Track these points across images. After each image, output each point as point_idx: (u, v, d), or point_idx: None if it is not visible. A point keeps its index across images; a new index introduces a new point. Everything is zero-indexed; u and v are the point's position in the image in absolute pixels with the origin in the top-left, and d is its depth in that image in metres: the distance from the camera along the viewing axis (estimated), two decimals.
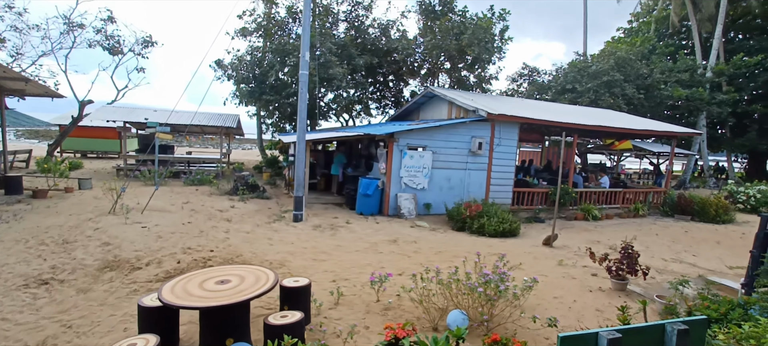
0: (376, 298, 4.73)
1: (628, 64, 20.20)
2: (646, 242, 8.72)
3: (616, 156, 24.59)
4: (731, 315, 3.54)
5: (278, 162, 18.20)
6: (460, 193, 10.62)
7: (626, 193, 13.15)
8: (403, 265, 6.18)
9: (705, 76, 22.47)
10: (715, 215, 11.82)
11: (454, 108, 12.13)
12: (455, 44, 17.44)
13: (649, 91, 20.47)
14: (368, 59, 17.83)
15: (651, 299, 5.04)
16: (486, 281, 4.08)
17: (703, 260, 7.51)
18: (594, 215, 11.34)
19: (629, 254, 5.47)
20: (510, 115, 10.65)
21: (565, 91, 20.13)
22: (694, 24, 24.01)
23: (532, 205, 11.50)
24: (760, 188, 14.85)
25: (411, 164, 10.10)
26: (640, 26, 31.04)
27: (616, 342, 1.64)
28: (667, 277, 5.92)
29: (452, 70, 19.90)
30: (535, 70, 23.64)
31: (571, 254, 7.39)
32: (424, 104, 14.28)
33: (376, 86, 21.12)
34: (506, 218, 8.96)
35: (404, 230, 8.69)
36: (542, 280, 5.71)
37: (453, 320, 3.93)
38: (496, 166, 10.97)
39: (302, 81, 8.78)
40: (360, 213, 9.93)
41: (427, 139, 10.29)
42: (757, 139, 25.00)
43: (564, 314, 4.64)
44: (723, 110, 22.03)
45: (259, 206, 10.36)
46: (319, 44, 15.73)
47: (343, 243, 7.30)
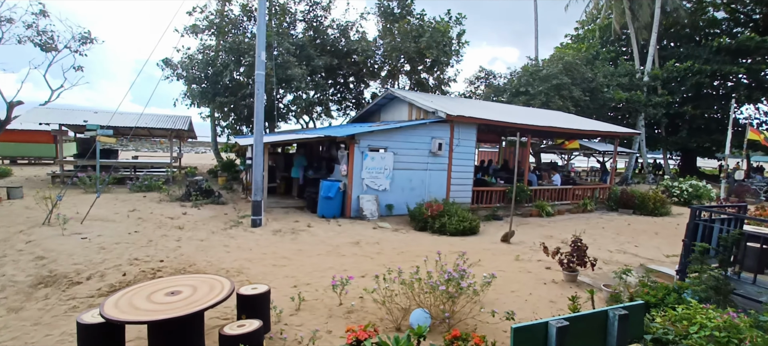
0: (339, 301, 4.66)
1: (575, 69, 21.47)
2: (593, 235, 9.28)
3: (567, 155, 26.13)
4: (667, 299, 3.83)
5: (235, 166, 17.51)
6: (421, 193, 10.76)
7: (576, 190, 13.95)
8: (366, 267, 6.15)
9: (643, 80, 24.41)
10: (654, 208, 12.86)
11: (414, 109, 12.29)
12: (414, 47, 17.69)
13: (594, 94, 21.89)
14: (328, 60, 17.63)
15: (598, 289, 5.37)
16: (447, 279, 4.15)
17: (643, 250, 8.11)
18: (547, 212, 11.92)
19: (579, 247, 5.79)
20: (468, 117, 10.94)
21: (519, 93, 21.05)
22: (633, 32, 26.03)
23: (490, 203, 11.89)
24: (691, 183, 16.33)
25: (372, 166, 10.09)
26: (586, 33, 33.17)
27: (564, 330, 1.73)
28: (613, 267, 6.32)
29: (412, 72, 20.17)
30: (491, 74, 24.51)
31: (526, 249, 7.71)
32: (385, 106, 14.35)
33: (337, 88, 20.95)
34: (466, 216, 9.18)
35: (367, 231, 8.66)
36: (500, 275, 5.91)
37: (415, 319, 3.96)
38: (456, 167, 11.23)
39: (259, 81, 8.50)
40: (322, 216, 9.78)
41: (388, 141, 10.33)
42: (687, 138, 27.57)
43: (521, 307, 4.81)
44: (658, 112, 24.06)
45: (214, 212, 9.90)
46: (277, 44, 15.33)
47: (305, 247, 7.14)
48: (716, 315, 2.87)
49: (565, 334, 1.75)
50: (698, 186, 16.04)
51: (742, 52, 25.99)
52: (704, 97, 27.59)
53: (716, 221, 5.16)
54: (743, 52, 26.05)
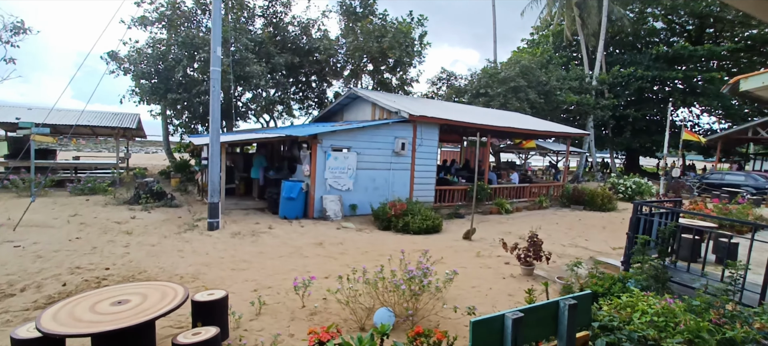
0: (302, 303, 4.57)
1: (531, 72, 22.49)
2: (548, 230, 9.75)
3: (524, 154, 27.31)
4: (613, 289, 4.09)
5: (189, 166, 16.67)
6: (385, 193, 10.80)
7: (532, 187, 14.60)
8: (330, 267, 6.08)
9: (591, 84, 26.02)
10: (602, 204, 13.73)
11: (377, 109, 12.31)
12: (377, 47, 17.74)
13: (548, 97, 23.04)
14: (289, 58, 17.25)
15: (553, 281, 5.64)
16: (410, 277, 4.19)
17: (593, 243, 8.63)
18: (506, 209, 12.38)
19: (535, 242, 6.05)
20: (430, 117, 11.13)
21: (479, 95, 21.71)
22: (582, 39, 27.68)
23: (452, 202, 12.16)
24: (634, 180, 17.59)
25: (336, 166, 9.99)
26: (540, 38, 34.84)
27: (519, 321, 1.81)
28: (566, 260, 6.66)
29: (375, 72, 20.22)
30: (452, 75, 25.10)
31: (487, 246, 7.95)
32: (348, 105, 14.27)
33: (299, 86, 20.57)
34: (429, 215, 9.33)
35: (330, 232, 8.56)
36: (462, 271, 6.05)
37: (379, 318, 3.96)
38: (419, 166, 11.38)
39: (214, 78, 8.14)
40: (284, 217, 9.55)
41: (351, 141, 10.27)
42: (631, 139, 29.77)
43: (481, 302, 4.95)
44: (605, 114, 25.75)
45: (167, 216, 9.37)
46: (234, 40, 14.77)
47: (266, 249, 6.94)
48: (656, 302, 3.10)
49: (519, 325, 1.82)
50: (640, 183, 17.32)
51: (678, 59, 28.44)
52: (645, 100, 29.91)
53: (655, 215, 5.58)
54: (678, 60, 28.51)
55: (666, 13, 30.74)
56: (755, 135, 21.65)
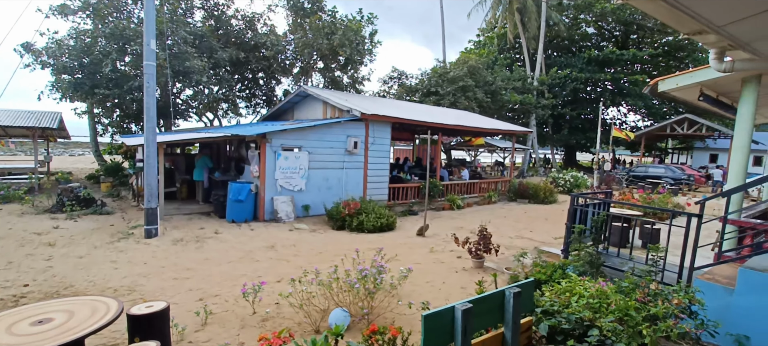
0: (252, 310, 4.38)
1: (478, 72, 23.42)
2: (497, 223, 10.20)
3: (474, 151, 28.41)
4: (554, 275, 4.36)
5: (122, 169, 15.34)
6: (338, 192, 10.68)
7: (482, 183, 15.20)
8: (283, 271, 5.89)
9: (533, 84, 27.64)
10: (544, 197, 14.64)
11: (328, 108, 12.14)
12: (327, 44, 17.49)
13: (494, 96, 24.14)
14: (233, 53, 16.44)
15: (501, 271, 5.90)
16: (364, 276, 4.17)
17: (537, 234, 9.16)
18: (458, 205, 12.78)
19: (484, 236, 6.30)
20: (382, 115, 11.18)
21: (430, 93, 22.21)
22: (524, 41, 29.31)
23: (406, 199, 12.32)
24: (572, 174, 18.97)
25: (286, 166, 9.71)
26: (486, 40, 36.40)
27: (468, 311, 1.86)
28: (513, 251, 7.01)
29: (326, 70, 19.95)
30: (403, 74, 25.45)
31: (440, 241, 8.15)
32: (299, 104, 13.93)
33: (245, 83, 19.71)
34: (383, 213, 9.37)
35: (282, 234, 8.31)
36: (416, 268, 6.14)
37: (334, 319, 3.90)
38: (372, 164, 11.39)
39: (148, 73, 7.53)
40: (232, 221, 9.10)
41: (302, 140, 10.04)
42: (569, 136, 32.06)
43: (435, 296, 5.05)
44: (545, 113, 27.49)
45: (97, 224, 8.56)
46: (171, 33, 13.82)
47: (213, 256, 6.56)
48: (591, 285, 3.34)
49: (469, 315, 1.87)
50: (577, 177, 18.71)
51: (607, 62, 31.07)
52: (580, 100, 32.35)
53: (590, 206, 6.04)
54: (608, 63, 31.16)
55: (596, 19, 33.44)
56: (672, 131, 24.30)
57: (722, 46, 3.59)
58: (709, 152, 30.24)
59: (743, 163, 4.79)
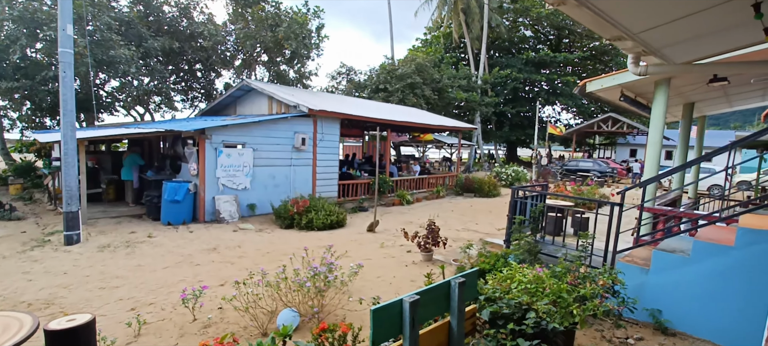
0: (192, 317, 4.12)
1: (425, 70, 23.95)
2: (445, 217, 10.52)
3: (422, 147, 29.06)
4: (497, 264, 4.59)
5: (35, 169, 13.64)
6: (286, 190, 10.38)
7: (430, 178, 15.60)
8: (227, 273, 5.61)
9: (477, 83, 28.84)
10: (489, 190, 15.38)
11: (274, 103, 11.73)
12: (271, 36, 16.86)
13: (441, 94, 24.85)
14: (166, 42, 15.25)
15: (449, 263, 6.10)
16: (314, 275, 4.09)
17: (482, 226, 9.59)
18: (407, 200, 13.00)
19: (433, 229, 6.46)
20: (331, 111, 11.03)
21: (378, 90, 22.33)
22: (468, 41, 30.44)
23: (356, 195, 12.29)
24: (513, 169, 20.11)
25: (229, 163, 9.24)
26: (433, 39, 37.31)
27: (415, 303, 1.90)
28: (460, 243, 7.26)
29: (270, 64, 19.23)
30: (351, 70, 25.33)
31: (390, 236, 8.23)
32: (242, 98, 13.29)
33: (180, 75, 18.38)
34: (333, 210, 9.27)
35: (226, 235, 7.90)
36: (367, 263, 6.15)
37: (283, 320, 3.79)
38: (321, 161, 11.21)
39: (65, 62, 6.74)
40: (168, 223, 8.48)
41: (246, 136, 9.60)
42: (510, 132, 33.94)
43: (386, 291, 5.10)
44: (489, 110, 28.83)
45: (5, 232, 7.54)
46: (92, 17, 12.52)
47: (146, 261, 6.07)
48: (529, 272, 3.56)
49: (416, 306, 1.91)
50: (518, 171, 19.88)
51: (543, 64, 33.29)
52: (520, 99, 34.34)
53: (528, 198, 6.44)
54: (543, 65, 33.38)
55: (533, 23, 35.68)
56: (599, 128, 26.71)
57: (638, 52, 3.99)
58: (629, 147, 33.67)
59: (656, 157, 5.37)
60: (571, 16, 2.85)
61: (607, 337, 3.84)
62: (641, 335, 3.88)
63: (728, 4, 2.69)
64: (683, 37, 3.55)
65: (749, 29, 2.98)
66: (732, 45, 3.97)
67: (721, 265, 3.72)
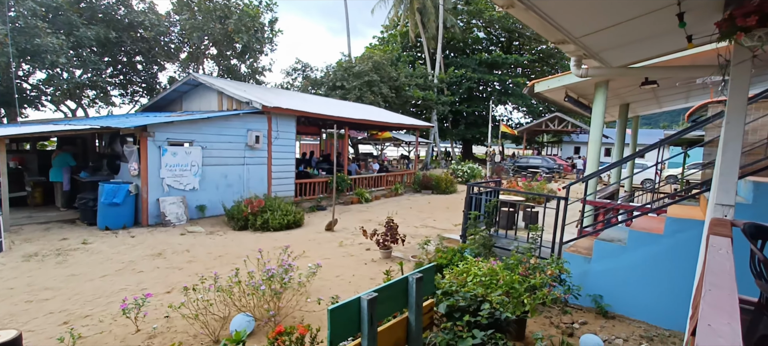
0: (135, 328, 3.82)
1: (383, 68, 24.05)
2: (403, 214, 10.63)
3: (380, 145, 29.17)
4: (454, 259, 4.71)
5: None
6: (239, 190, 9.96)
7: (389, 176, 15.69)
8: (174, 279, 5.28)
9: (433, 82, 29.41)
10: (446, 187, 15.76)
11: (225, 99, 11.19)
12: (221, 29, 16.07)
13: (399, 92, 25.08)
14: (101, 32, 14.03)
15: (408, 260, 6.17)
16: (270, 276, 3.96)
17: (440, 222, 9.80)
18: (366, 198, 12.99)
19: (391, 227, 6.50)
20: (286, 109, 10.72)
21: (335, 87, 22.09)
22: (424, 41, 30.96)
23: (314, 194, 12.08)
24: (469, 166, 20.76)
25: (175, 163, 8.69)
26: (390, 37, 37.49)
27: (373, 300, 1.89)
28: (418, 239, 7.37)
29: (220, 58, 18.35)
30: (307, 66, 24.84)
31: (349, 235, 8.17)
32: (189, 93, 12.54)
33: (118, 68, 17.00)
34: (290, 210, 9.03)
35: (172, 239, 7.43)
36: (326, 263, 6.06)
37: (236, 325, 3.63)
38: (277, 160, 10.88)
39: None
40: (106, 228, 7.82)
41: (194, 133, 9.08)
42: (465, 130, 34.99)
43: (345, 289, 5.05)
44: (445, 109, 29.53)
45: None
46: (15, 2, 11.27)
47: (81, 270, 5.56)
48: (484, 265, 3.68)
49: (374, 304, 1.90)
50: (473, 168, 20.56)
51: (495, 65, 34.63)
52: (474, 98, 35.50)
53: (483, 194, 6.66)
54: (496, 65, 34.73)
55: (486, 25, 36.99)
56: (547, 127, 28.30)
57: (579, 55, 4.24)
58: (574, 145, 36.03)
59: (597, 154, 5.76)
60: (519, 19, 2.97)
61: (555, 323, 4.06)
62: (585, 320, 4.15)
63: (657, 13, 2.92)
64: (619, 42, 3.83)
65: (675, 37, 3.26)
66: (661, 51, 4.34)
67: (652, 251, 4.07)
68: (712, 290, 1.27)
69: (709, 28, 2.44)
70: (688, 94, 8.62)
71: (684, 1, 2.56)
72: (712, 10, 2.84)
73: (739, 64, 2.42)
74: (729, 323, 1.05)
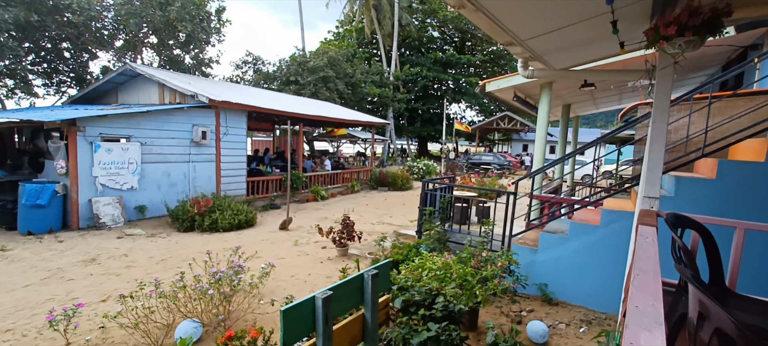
0: (65, 341, 3.47)
1: (338, 64, 23.78)
2: (360, 211, 10.61)
3: (336, 142, 28.88)
4: (410, 255, 4.77)
5: None
6: (184, 189, 9.39)
7: (345, 173, 15.57)
8: (110, 287, 4.87)
9: (389, 79, 29.59)
10: (402, 184, 15.95)
11: (167, 92, 10.44)
12: (161, 16, 14.99)
13: (355, 88, 24.95)
14: (20, 14, 12.55)
15: (364, 257, 6.16)
16: (219, 279, 3.78)
17: (396, 219, 9.89)
18: (322, 196, 12.80)
19: (348, 224, 6.45)
20: (236, 103, 10.25)
21: (289, 82, 21.51)
22: (380, 38, 31.04)
23: (267, 193, 11.69)
24: (425, 162, 21.16)
25: (110, 160, 7.99)
26: (345, 33, 37.19)
27: (328, 299, 1.87)
28: (375, 236, 7.38)
29: (161, 47, 17.13)
30: (259, 59, 23.95)
31: (304, 233, 8.01)
32: (126, 85, 11.57)
33: (41, 55, 15.31)
34: (241, 209, 8.67)
35: (108, 243, 6.85)
36: (280, 262, 5.90)
37: (182, 333, 3.43)
38: (226, 157, 10.37)
39: None
40: (28, 233, 7.03)
41: (132, 128, 8.41)
42: (421, 128, 35.61)
43: (300, 289, 4.94)
44: (401, 106, 29.84)
45: None
46: None
47: (0, 280, 4.96)
48: (438, 259, 3.76)
49: (329, 302, 1.87)
50: (429, 165, 21.00)
51: (449, 64, 35.57)
52: (429, 96, 36.24)
53: (438, 190, 6.81)
54: (450, 65, 35.68)
55: (440, 25, 37.85)
56: (497, 125, 29.59)
57: (526, 57, 4.46)
58: (522, 143, 37.99)
59: (542, 151, 6.11)
60: (471, 19, 3.05)
61: (505, 312, 4.26)
62: (532, 308, 4.39)
63: (594, 19, 3.14)
64: (561, 46, 4.07)
65: (610, 43, 3.53)
66: (598, 55, 4.68)
67: (590, 241, 4.39)
68: (640, 275, 1.38)
69: (639, 36, 2.66)
70: (621, 97, 9.41)
71: (617, 10, 2.76)
72: (641, 20, 3.10)
73: (663, 70, 2.66)
74: (653, 304, 1.14)
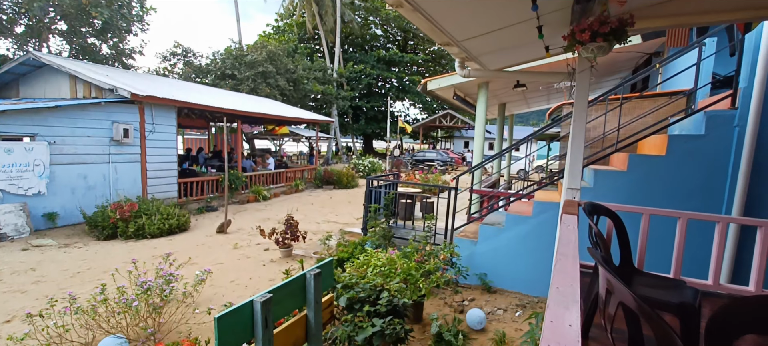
0: None
1: (278, 59, 22.93)
2: (304, 211, 10.37)
3: (278, 140, 27.92)
4: (355, 252, 4.76)
5: None
6: (104, 192, 8.48)
7: (288, 172, 15.11)
8: (15, 306, 4.28)
9: (333, 76, 29.22)
10: (347, 182, 15.86)
11: (80, 85, 9.33)
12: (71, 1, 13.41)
13: (297, 85, 24.26)
14: None
15: (309, 257, 6.04)
16: (146, 290, 3.47)
17: (342, 217, 9.81)
18: (264, 196, 12.30)
19: (291, 224, 6.27)
20: (163, 98, 9.44)
21: (225, 76, 20.36)
22: (322, 34, 30.50)
23: (203, 194, 10.96)
24: (370, 160, 21.24)
25: (10, 162, 6.98)
26: (286, 27, 36.03)
27: (268, 302, 1.80)
28: (320, 236, 7.26)
29: (72, 35, 15.31)
30: (190, 51, 22.38)
31: (245, 236, 7.64)
32: (29, 77, 10.17)
33: None
34: (172, 213, 8.04)
35: (10, 256, 5.98)
36: (218, 268, 5.58)
37: None
38: (153, 157, 9.53)
39: None
40: None
41: (38, 125, 7.42)
42: (366, 126, 35.67)
43: (241, 294, 4.71)
44: (345, 104, 29.62)
45: None
46: None
47: None
48: (383, 255, 3.79)
49: (269, 305, 1.81)
50: (374, 162, 21.13)
51: (393, 62, 36.04)
52: (374, 94, 36.41)
53: (382, 187, 6.87)
54: (393, 63, 36.17)
55: (382, 23, 38.16)
56: (440, 123, 30.61)
57: (463, 57, 4.64)
58: (464, 140, 39.65)
59: (481, 147, 6.41)
60: (410, 19, 3.10)
61: (448, 303, 4.42)
62: (473, 297, 4.60)
63: (522, 24, 3.35)
64: (494, 48, 4.29)
65: (538, 47, 3.79)
66: (527, 58, 5.01)
67: (524, 231, 4.70)
68: (561, 259, 1.50)
69: (561, 41, 2.89)
70: (549, 97, 10.20)
71: (542, 16, 2.97)
72: (562, 26, 3.37)
73: (581, 72, 2.91)
74: (571, 285, 1.25)
